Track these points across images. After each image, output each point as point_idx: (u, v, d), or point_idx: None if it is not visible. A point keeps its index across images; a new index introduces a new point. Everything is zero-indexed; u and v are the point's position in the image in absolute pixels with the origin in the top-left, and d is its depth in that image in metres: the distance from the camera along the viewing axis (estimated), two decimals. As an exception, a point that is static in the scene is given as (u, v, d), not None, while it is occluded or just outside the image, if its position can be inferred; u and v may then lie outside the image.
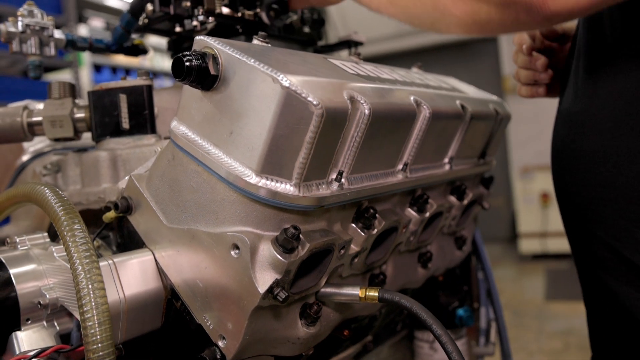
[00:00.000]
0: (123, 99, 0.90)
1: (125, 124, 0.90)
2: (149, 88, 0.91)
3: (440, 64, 7.96)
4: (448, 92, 1.01)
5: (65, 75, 3.98)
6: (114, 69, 4.62)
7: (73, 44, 1.05)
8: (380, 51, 7.98)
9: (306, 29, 1.18)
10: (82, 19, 4.25)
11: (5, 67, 3.03)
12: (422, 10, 0.74)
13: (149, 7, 1.00)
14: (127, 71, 4.78)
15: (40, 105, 1.12)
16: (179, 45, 1.13)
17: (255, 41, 0.81)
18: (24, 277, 0.68)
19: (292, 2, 1.06)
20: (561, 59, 1.07)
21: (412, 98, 0.83)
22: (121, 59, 4.71)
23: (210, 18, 0.94)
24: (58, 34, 1.02)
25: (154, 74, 5.10)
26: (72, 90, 0.95)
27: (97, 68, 4.46)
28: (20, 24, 0.97)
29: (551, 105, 1.06)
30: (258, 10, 1.04)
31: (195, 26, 1.01)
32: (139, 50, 1.16)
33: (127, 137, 0.90)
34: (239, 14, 0.99)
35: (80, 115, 0.92)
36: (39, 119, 0.92)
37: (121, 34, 1.10)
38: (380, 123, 0.73)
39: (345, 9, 7.94)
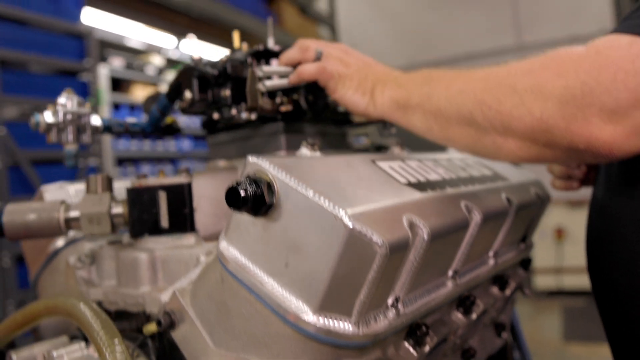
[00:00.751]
0: (162, 197, 0.88)
1: (165, 223, 0.88)
2: (189, 186, 0.89)
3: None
4: (492, 183, 0.99)
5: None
6: (132, 107, 4.66)
7: (109, 129, 1.04)
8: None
9: (341, 108, 1.16)
10: (103, 59, 4.30)
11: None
12: (481, 150, 0.74)
13: (188, 94, 0.99)
14: (144, 108, 4.81)
15: (73, 187, 1.11)
16: (213, 126, 1.11)
17: (303, 149, 0.79)
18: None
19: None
20: None
21: (463, 205, 0.80)
22: (139, 98, 4.75)
23: (252, 115, 0.93)
24: (95, 120, 1.01)
25: (170, 109, 5.12)
26: (110, 184, 0.93)
27: (116, 106, 4.49)
28: (60, 114, 0.96)
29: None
30: (295, 96, 1.02)
31: (234, 115, 0.99)
32: (173, 130, 1.15)
33: (166, 235, 0.88)
34: (278, 100, 0.98)
35: (117, 210, 0.90)
36: (77, 214, 0.90)
37: (157, 117, 1.09)
38: (437, 242, 0.70)
39: (355, 42, 8.01)
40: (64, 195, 1.08)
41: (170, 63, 5.52)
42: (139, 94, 4.78)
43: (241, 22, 4.92)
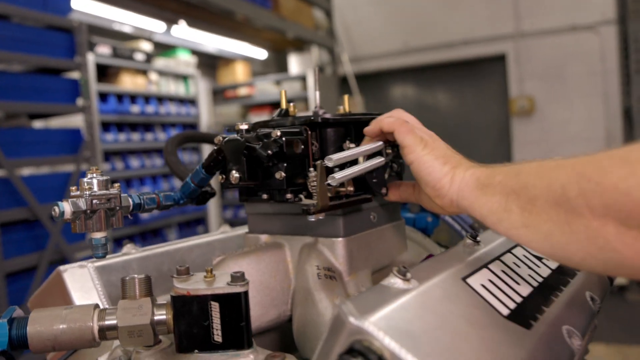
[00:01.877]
0: (215, 308, 0.75)
1: (218, 337, 0.76)
2: (246, 295, 0.76)
3: (445, 82, 7.86)
4: (566, 276, 0.89)
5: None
6: (120, 97, 4.44)
7: (141, 208, 0.91)
8: (385, 67, 7.86)
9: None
10: (89, 46, 4.06)
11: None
12: (568, 240, 0.59)
13: (235, 174, 0.85)
14: (133, 98, 4.60)
15: (93, 266, 0.97)
16: (253, 192, 0.98)
17: (394, 280, 0.67)
18: None
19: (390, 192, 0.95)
20: None
21: (565, 332, 0.71)
22: (127, 86, 4.53)
23: (320, 215, 0.80)
24: (124, 200, 0.87)
25: (159, 99, 4.92)
26: (149, 286, 0.80)
27: (103, 97, 4.27)
28: (85, 200, 0.82)
29: (557, 127, 0.94)
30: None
31: (289, 198, 0.86)
32: (208, 196, 1.01)
33: (219, 352, 0.76)
34: (344, 190, 0.85)
35: (160, 317, 0.77)
36: (113, 322, 0.77)
37: (193, 190, 0.95)
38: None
39: (350, 25, 7.80)
40: (86, 278, 0.95)
41: (160, 49, 5.28)
42: (127, 82, 4.55)
43: (234, 7, 4.70)
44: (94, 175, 0.84)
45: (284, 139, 0.84)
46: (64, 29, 2.96)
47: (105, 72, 4.42)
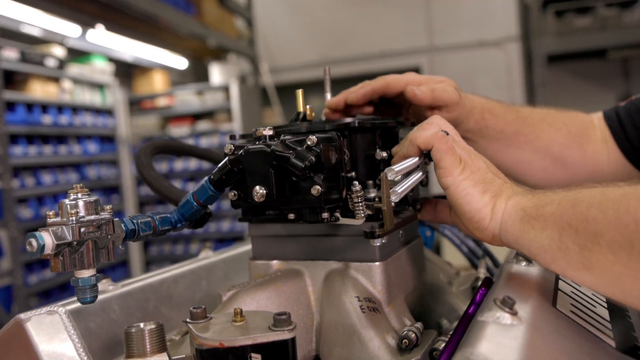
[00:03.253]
0: (256, 361, 0.59)
1: (259, 398, 0.60)
2: (294, 342, 0.61)
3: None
4: None
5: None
6: (30, 106, 4.00)
7: (135, 235, 0.72)
8: (303, 78, 7.80)
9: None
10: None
11: None
12: (623, 273, 0.50)
13: (261, 191, 0.70)
14: (45, 107, 4.16)
15: (64, 310, 0.77)
16: (259, 211, 0.83)
17: (501, 315, 0.55)
18: None
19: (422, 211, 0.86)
20: None
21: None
22: (37, 94, 4.10)
23: (384, 239, 0.66)
24: (117, 226, 0.69)
25: (73, 109, 4.51)
26: (163, 338, 0.62)
27: (10, 106, 3.82)
28: (72, 228, 0.62)
29: None
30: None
31: (326, 218, 0.72)
32: (206, 217, 0.84)
33: (261, 418, 0.60)
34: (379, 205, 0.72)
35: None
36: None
37: (197, 210, 0.78)
38: None
39: (269, 35, 7.70)
40: (58, 327, 0.74)
41: (73, 55, 4.86)
42: (38, 90, 4.11)
43: (158, 12, 4.42)
44: (79, 195, 0.65)
45: (320, 146, 0.70)
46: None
47: (12, 79, 3.95)
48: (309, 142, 0.69)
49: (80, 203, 0.64)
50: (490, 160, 0.72)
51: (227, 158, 0.74)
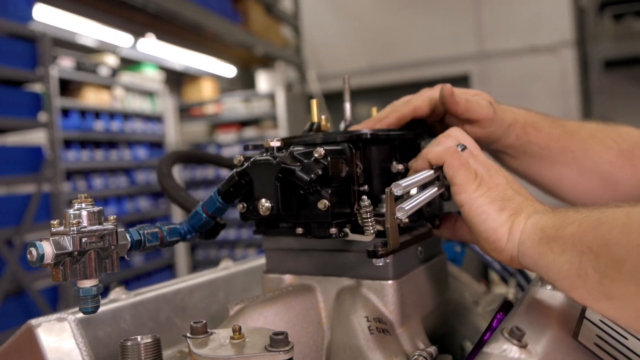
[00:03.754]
0: (251, 383, 0.57)
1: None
2: (292, 363, 0.58)
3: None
4: None
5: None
6: (83, 112, 4.16)
7: (141, 245, 0.71)
8: (351, 86, 7.77)
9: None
10: (51, 59, 3.78)
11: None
12: None
13: (266, 204, 0.68)
14: (97, 114, 4.33)
15: (74, 318, 0.77)
16: (272, 224, 0.81)
17: (506, 345, 0.51)
18: None
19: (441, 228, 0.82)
20: None
21: None
22: (90, 101, 4.26)
23: (387, 259, 0.63)
24: (121, 237, 0.68)
25: (124, 115, 4.66)
26: (159, 352, 0.61)
27: (65, 112, 3.99)
28: (72, 238, 0.62)
29: None
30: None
31: (334, 233, 0.69)
32: (219, 229, 0.83)
33: None
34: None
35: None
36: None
37: (205, 222, 0.77)
38: None
39: (317, 43, 7.73)
40: (66, 334, 0.74)
41: (125, 64, 5.03)
42: (91, 97, 4.28)
43: (205, 21, 4.51)
44: (82, 205, 0.65)
45: (328, 158, 0.67)
46: (26, 37, 2.70)
47: (67, 87, 4.13)
48: (316, 155, 0.67)
49: (84, 213, 0.64)
50: (533, 179, 0.67)
51: (234, 170, 0.72)
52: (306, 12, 7.48)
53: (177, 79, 6.51)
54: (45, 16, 3.57)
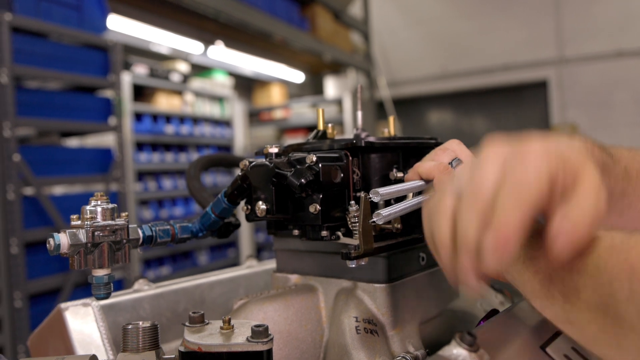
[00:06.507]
0: (231, 370, 0.62)
1: (233, 405, 0.62)
2: (269, 354, 0.62)
3: (484, 109, 7.65)
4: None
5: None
6: (155, 117, 4.42)
7: (152, 241, 0.78)
8: (422, 92, 7.70)
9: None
10: (125, 65, 4.06)
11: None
12: (619, 356, 0.43)
13: (262, 206, 0.72)
14: (168, 118, 4.58)
15: (98, 305, 0.85)
16: (282, 225, 0.85)
17: (456, 349, 0.52)
18: None
19: None
20: None
21: None
22: (162, 106, 4.51)
23: (362, 260, 0.66)
24: (133, 232, 0.75)
25: (194, 119, 4.89)
26: (155, 337, 0.67)
27: (138, 116, 4.26)
28: (86, 231, 0.70)
29: None
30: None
31: (325, 236, 0.73)
32: (231, 228, 0.88)
33: None
34: (389, 227, 0.71)
35: (166, 376, 0.64)
36: (108, 380, 0.65)
37: (214, 222, 0.83)
38: None
39: (387, 48, 7.71)
40: (89, 318, 0.83)
41: (196, 70, 5.28)
42: (163, 102, 4.53)
43: (273, 29, 4.66)
44: (98, 202, 0.72)
45: (320, 165, 0.71)
46: (99, 47, 2.93)
47: (141, 92, 4.41)
48: (307, 161, 0.71)
49: (99, 209, 0.71)
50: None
51: (237, 173, 0.77)
52: (376, 18, 7.50)
53: (247, 85, 6.73)
54: (119, 26, 3.83)
